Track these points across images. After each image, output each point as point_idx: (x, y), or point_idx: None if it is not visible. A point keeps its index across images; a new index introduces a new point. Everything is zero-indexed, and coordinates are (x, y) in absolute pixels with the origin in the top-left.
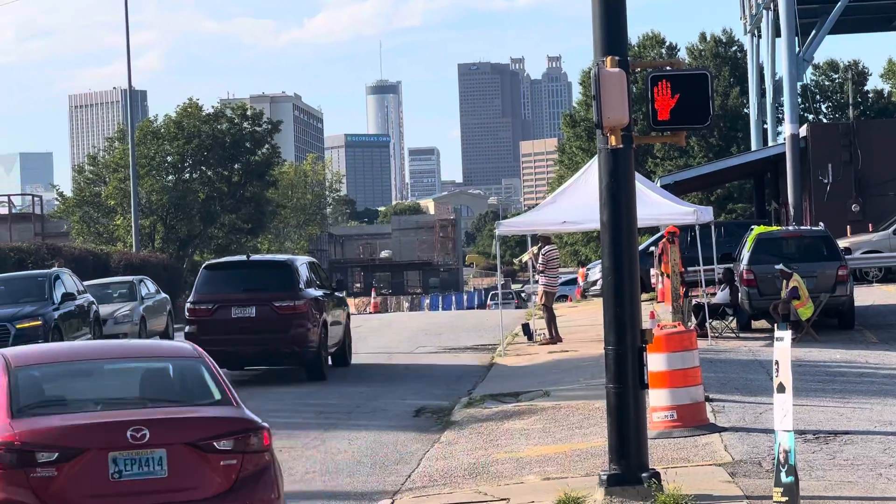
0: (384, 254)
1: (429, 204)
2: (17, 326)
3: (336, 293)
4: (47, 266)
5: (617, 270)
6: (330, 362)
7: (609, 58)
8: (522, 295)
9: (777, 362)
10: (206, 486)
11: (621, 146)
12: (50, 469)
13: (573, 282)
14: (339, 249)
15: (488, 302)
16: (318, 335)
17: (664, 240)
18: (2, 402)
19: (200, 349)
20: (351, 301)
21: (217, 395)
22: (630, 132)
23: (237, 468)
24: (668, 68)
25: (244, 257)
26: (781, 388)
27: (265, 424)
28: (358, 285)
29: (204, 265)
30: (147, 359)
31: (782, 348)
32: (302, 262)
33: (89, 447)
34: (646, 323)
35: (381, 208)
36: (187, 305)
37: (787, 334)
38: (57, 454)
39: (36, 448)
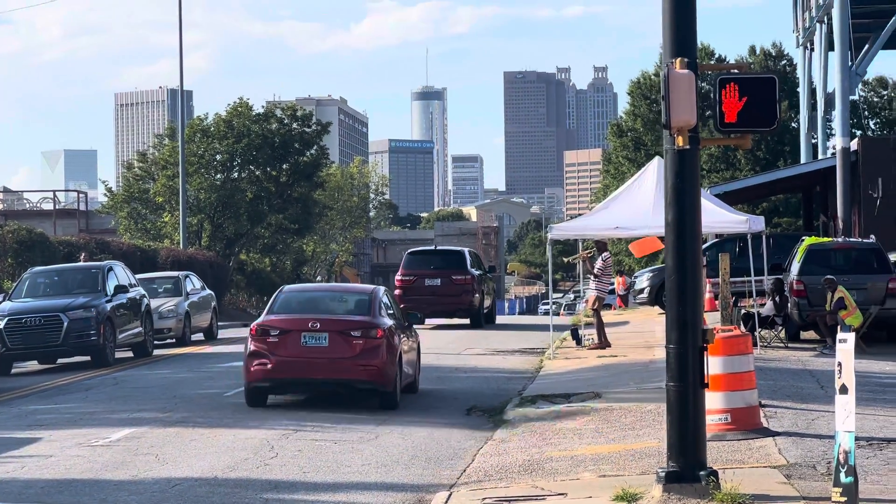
0: None
1: (471, 211)
2: (71, 317)
3: (488, 274)
4: (74, 260)
5: (680, 270)
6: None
7: (678, 59)
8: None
9: (840, 364)
10: (345, 352)
11: (688, 147)
12: (275, 338)
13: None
14: (382, 253)
15: (561, 312)
16: (479, 299)
17: None
18: (268, 307)
19: (377, 291)
20: None
21: (366, 310)
22: (697, 133)
23: (362, 345)
24: (735, 71)
25: (433, 248)
26: (844, 390)
27: (383, 325)
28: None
29: (408, 252)
30: (343, 292)
31: (845, 350)
32: (468, 251)
33: (292, 329)
34: None
35: (424, 214)
36: (397, 277)
37: (850, 336)
38: (278, 331)
39: (270, 328)
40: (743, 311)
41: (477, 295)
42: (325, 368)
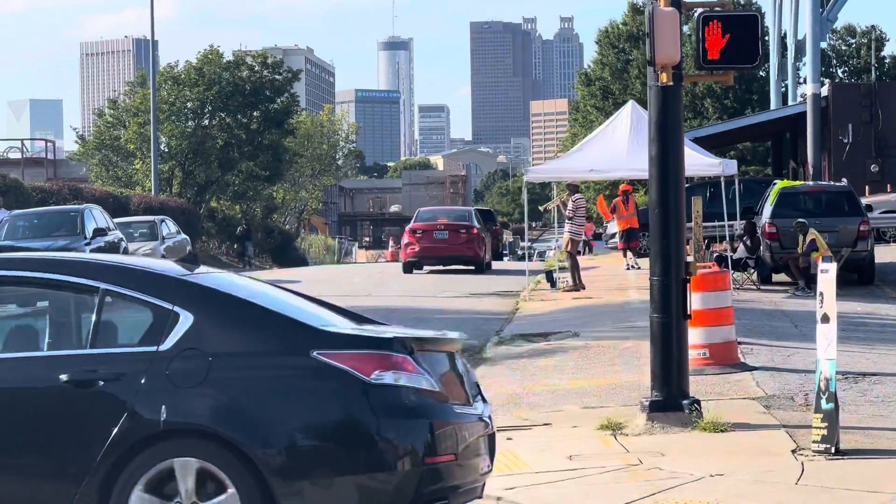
0: (394, 208)
1: (438, 161)
2: None
3: (492, 227)
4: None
5: (664, 204)
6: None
7: None
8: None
9: (821, 293)
10: (457, 241)
11: (672, 84)
12: (420, 233)
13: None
14: (350, 202)
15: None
16: (487, 248)
17: (618, 198)
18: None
19: (471, 209)
20: (363, 253)
21: (467, 219)
22: (680, 70)
23: (466, 237)
24: (717, 9)
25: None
26: (826, 319)
27: (476, 226)
28: (367, 239)
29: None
30: (453, 211)
31: (827, 280)
32: (474, 211)
33: (428, 229)
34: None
35: (391, 164)
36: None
37: (832, 266)
38: (421, 231)
39: (417, 229)
40: (715, 255)
41: (486, 244)
42: (446, 250)
